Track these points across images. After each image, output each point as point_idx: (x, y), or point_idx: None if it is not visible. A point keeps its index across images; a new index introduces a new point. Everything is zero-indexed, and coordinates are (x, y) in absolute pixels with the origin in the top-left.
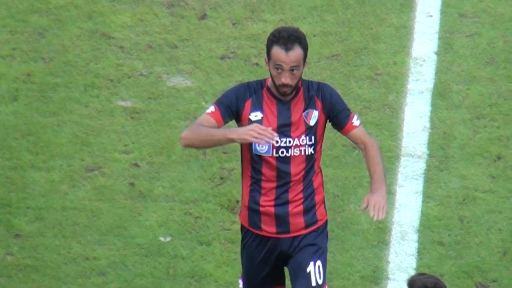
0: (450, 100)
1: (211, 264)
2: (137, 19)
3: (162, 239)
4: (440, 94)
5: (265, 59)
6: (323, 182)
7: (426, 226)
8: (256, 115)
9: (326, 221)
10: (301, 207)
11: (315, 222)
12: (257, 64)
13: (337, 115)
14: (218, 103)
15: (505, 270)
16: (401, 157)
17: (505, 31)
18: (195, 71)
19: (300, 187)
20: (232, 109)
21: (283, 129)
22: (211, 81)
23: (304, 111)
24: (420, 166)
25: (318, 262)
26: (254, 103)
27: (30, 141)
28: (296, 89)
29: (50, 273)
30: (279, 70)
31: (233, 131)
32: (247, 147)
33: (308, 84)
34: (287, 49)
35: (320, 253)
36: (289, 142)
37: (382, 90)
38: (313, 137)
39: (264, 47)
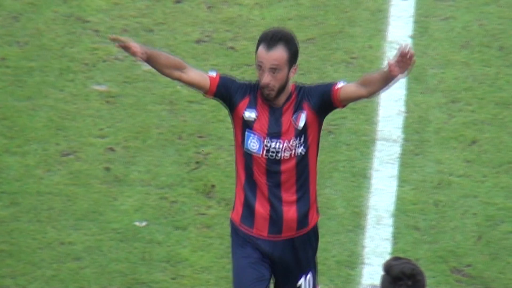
0: (425, 84)
1: (187, 249)
2: (112, 3)
3: (137, 224)
4: (415, 78)
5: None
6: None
7: (401, 211)
8: (250, 114)
9: (316, 223)
10: (294, 209)
11: (307, 224)
12: (232, 47)
13: (323, 96)
14: (222, 77)
15: (479, 255)
16: (376, 141)
17: (480, 14)
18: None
19: (293, 188)
20: (229, 92)
21: (274, 133)
22: None
23: (293, 115)
24: (395, 150)
25: (309, 275)
26: (251, 101)
27: (5, 126)
28: (286, 93)
29: (25, 258)
30: (260, 70)
31: None
32: (240, 143)
33: (300, 89)
34: (269, 47)
35: (310, 265)
36: (279, 145)
37: (358, 74)
38: (303, 137)
39: (240, 31)
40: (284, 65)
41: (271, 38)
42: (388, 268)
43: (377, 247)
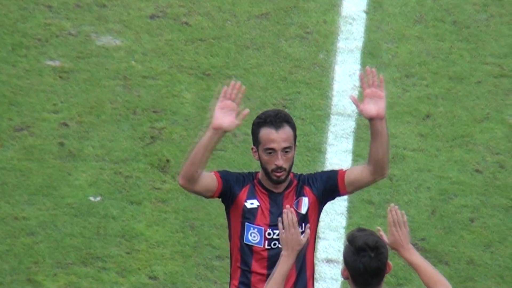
0: (380, 58)
1: (142, 223)
2: None
3: (92, 198)
4: (369, 52)
5: (251, 148)
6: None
7: None
8: (252, 203)
9: None
10: None
11: None
12: (186, 23)
13: (328, 180)
14: (220, 171)
15: (433, 229)
16: (331, 115)
17: None
18: (124, 30)
19: (291, 278)
20: (229, 184)
21: (276, 221)
22: (141, 40)
23: (295, 201)
24: (350, 124)
25: None
26: (250, 190)
27: None
28: (289, 178)
29: None
30: (271, 153)
31: (211, 121)
32: (238, 235)
33: (299, 176)
34: (277, 128)
35: None
36: None
37: (312, 48)
38: (303, 225)
39: (193, 6)
40: (293, 144)
41: (276, 118)
42: (352, 238)
43: (332, 221)
